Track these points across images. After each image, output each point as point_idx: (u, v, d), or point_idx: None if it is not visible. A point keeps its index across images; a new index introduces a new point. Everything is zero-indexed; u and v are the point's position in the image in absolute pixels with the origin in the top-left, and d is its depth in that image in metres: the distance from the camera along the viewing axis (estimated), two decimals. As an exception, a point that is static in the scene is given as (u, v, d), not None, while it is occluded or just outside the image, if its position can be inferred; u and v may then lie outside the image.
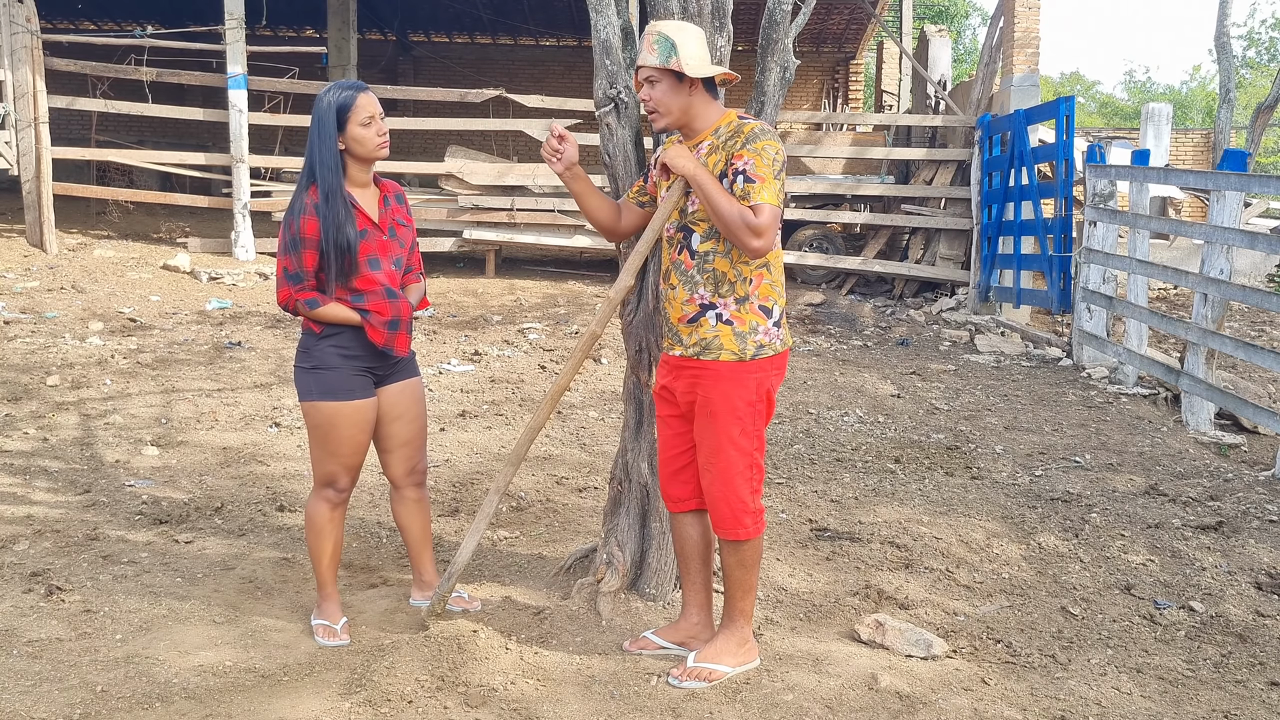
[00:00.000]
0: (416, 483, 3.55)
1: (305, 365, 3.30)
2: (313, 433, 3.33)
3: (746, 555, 3.15)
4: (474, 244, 12.20)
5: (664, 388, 3.22)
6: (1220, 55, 18.85)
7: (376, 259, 3.27)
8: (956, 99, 13.19)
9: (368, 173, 3.32)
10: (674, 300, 3.13)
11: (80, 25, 21.54)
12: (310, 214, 3.18)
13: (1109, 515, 4.85)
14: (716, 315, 3.06)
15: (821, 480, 5.28)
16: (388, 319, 3.28)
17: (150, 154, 12.94)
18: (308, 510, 3.40)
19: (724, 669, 3.14)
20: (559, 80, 21.39)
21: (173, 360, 7.50)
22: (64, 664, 3.13)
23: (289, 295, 3.22)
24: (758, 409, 3.10)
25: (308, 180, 3.22)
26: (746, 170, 2.93)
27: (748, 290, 3.06)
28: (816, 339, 9.58)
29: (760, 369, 3.07)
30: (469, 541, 3.32)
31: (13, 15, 10.88)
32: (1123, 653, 3.52)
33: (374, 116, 3.23)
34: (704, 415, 3.09)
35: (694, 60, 2.98)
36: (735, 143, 2.99)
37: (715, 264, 3.05)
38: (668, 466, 3.26)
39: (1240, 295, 6.84)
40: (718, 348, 3.05)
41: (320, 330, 3.27)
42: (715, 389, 3.06)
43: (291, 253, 3.20)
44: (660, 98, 3.03)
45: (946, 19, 31.19)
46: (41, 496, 4.64)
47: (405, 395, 3.44)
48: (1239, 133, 21.58)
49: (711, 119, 3.08)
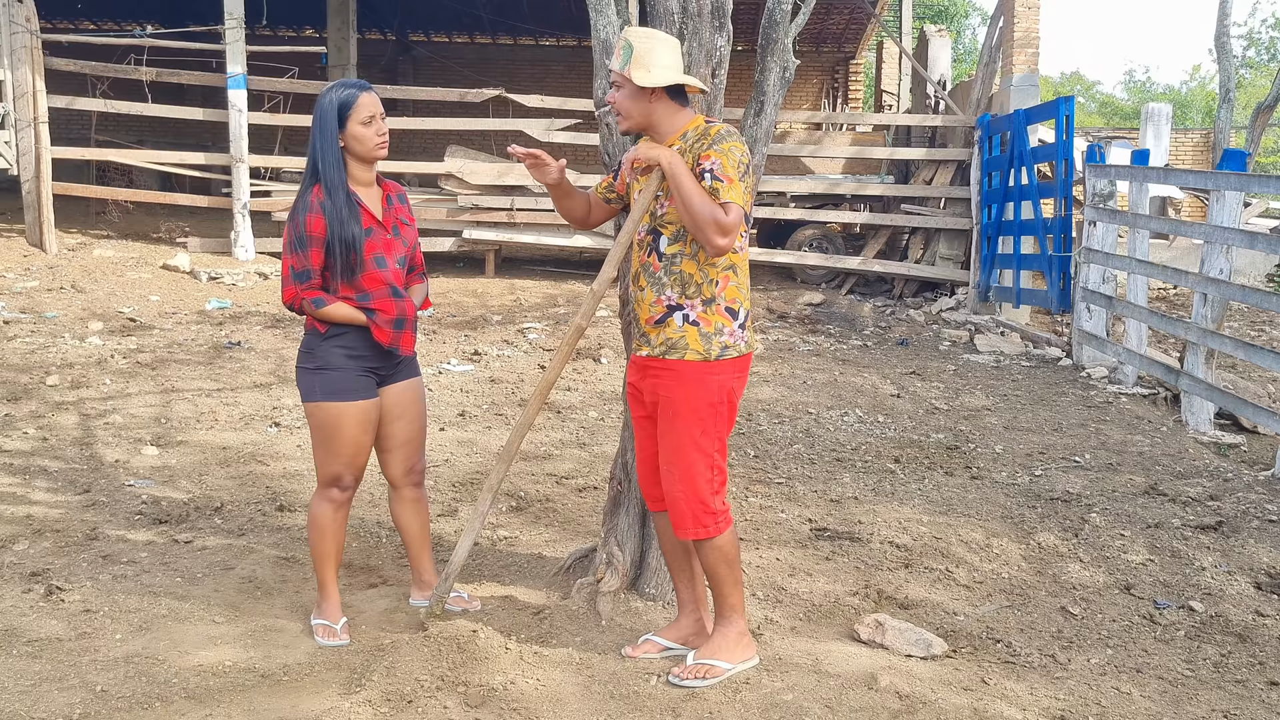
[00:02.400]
0: (415, 483, 3.55)
1: (309, 366, 3.29)
2: (316, 433, 3.32)
3: (722, 552, 3.15)
4: (474, 244, 12.21)
5: (635, 389, 3.25)
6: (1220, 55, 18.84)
7: (382, 257, 3.27)
8: (956, 99, 13.19)
9: (370, 172, 3.33)
10: (642, 302, 3.16)
11: (80, 25, 21.53)
12: (316, 212, 3.18)
13: (1109, 515, 4.85)
14: (684, 316, 3.08)
15: (821, 480, 5.28)
16: (393, 318, 3.28)
17: (150, 154, 12.94)
18: (311, 510, 3.40)
19: (723, 665, 3.15)
20: (559, 80, 21.37)
21: (172, 360, 7.50)
22: (64, 664, 3.13)
23: (295, 294, 3.22)
24: (719, 411, 3.11)
25: (311, 179, 3.23)
26: (714, 170, 2.97)
27: (714, 292, 3.09)
28: (816, 339, 9.58)
29: (723, 370, 3.09)
30: (465, 541, 3.32)
31: (12, 15, 10.88)
32: (1123, 653, 3.52)
33: (375, 116, 3.24)
34: (666, 415, 3.11)
35: (655, 68, 3.01)
36: (702, 144, 3.03)
37: (683, 266, 3.08)
38: (644, 466, 3.29)
39: (1240, 295, 6.84)
40: (683, 347, 3.08)
41: (325, 330, 3.27)
42: (678, 389, 3.08)
43: (298, 251, 3.19)
44: (621, 101, 3.10)
45: (946, 19, 31.20)
46: (41, 496, 4.64)
47: (407, 395, 3.44)
48: (1239, 133, 21.57)
49: (678, 125, 3.11)
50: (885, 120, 13.98)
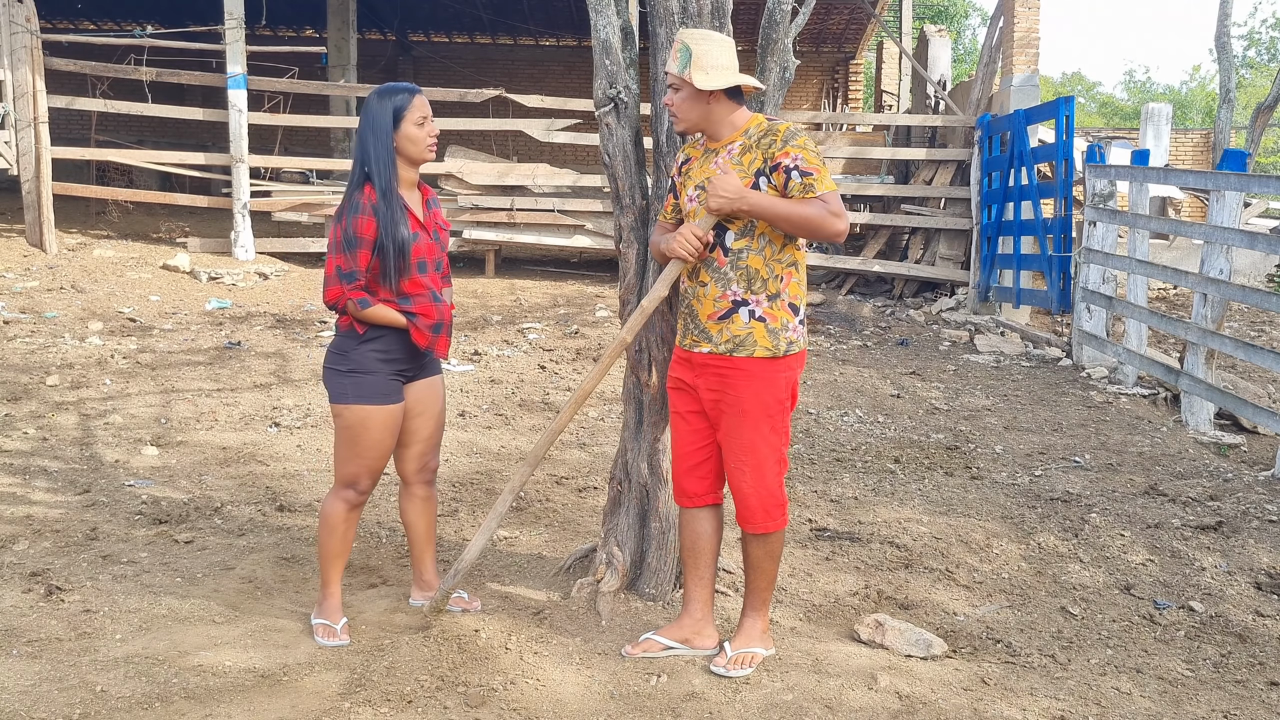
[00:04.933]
0: (427, 480, 3.56)
1: (342, 368, 3.29)
2: (343, 434, 3.32)
3: (774, 546, 3.23)
4: (474, 244, 12.21)
5: (683, 384, 3.23)
6: (1220, 55, 18.84)
7: (424, 262, 3.29)
8: (956, 99, 13.19)
9: (415, 173, 3.34)
10: (704, 297, 3.14)
11: (80, 25, 21.54)
12: (368, 214, 3.18)
13: (1109, 515, 4.85)
14: (750, 312, 3.09)
15: (821, 480, 5.28)
16: (433, 322, 3.30)
17: (150, 154, 12.94)
18: (324, 508, 3.40)
19: (762, 652, 3.24)
20: (559, 80, 21.39)
21: (172, 360, 7.50)
22: (64, 664, 3.13)
23: (340, 293, 3.20)
24: (785, 405, 3.16)
25: (361, 179, 3.22)
26: (800, 166, 3.00)
27: (779, 288, 3.11)
28: (816, 339, 9.58)
29: (789, 366, 3.14)
30: (479, 539, 3.31)
31: (12, 15, 10.88)
32: (1123, 653, 3.52)
33: (427, 117, 3.27)
34: (734, 414, 3.12)
35: (714, 70, 3.03)
36: (771, 142, 3.04)
37: (749, 261, 3.09)
38: (685, 462, 3.27)
39: (1240, 295, 6.84)
40: (751, 344, 3.08)
41: (364, 332, 3.27)
42: (747, 388, 3.09)
43: (345, 251, 3.19)
44: (679, 104, 3.11)
45: (946, 19, 31.19)
46: (41, 496, 4.64)
47: (430, 391, 3.46)
48: (1239, 133, 21.58)
49: (737, 123, 3.13)
50: (885, 120, 13.97)
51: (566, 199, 12.12)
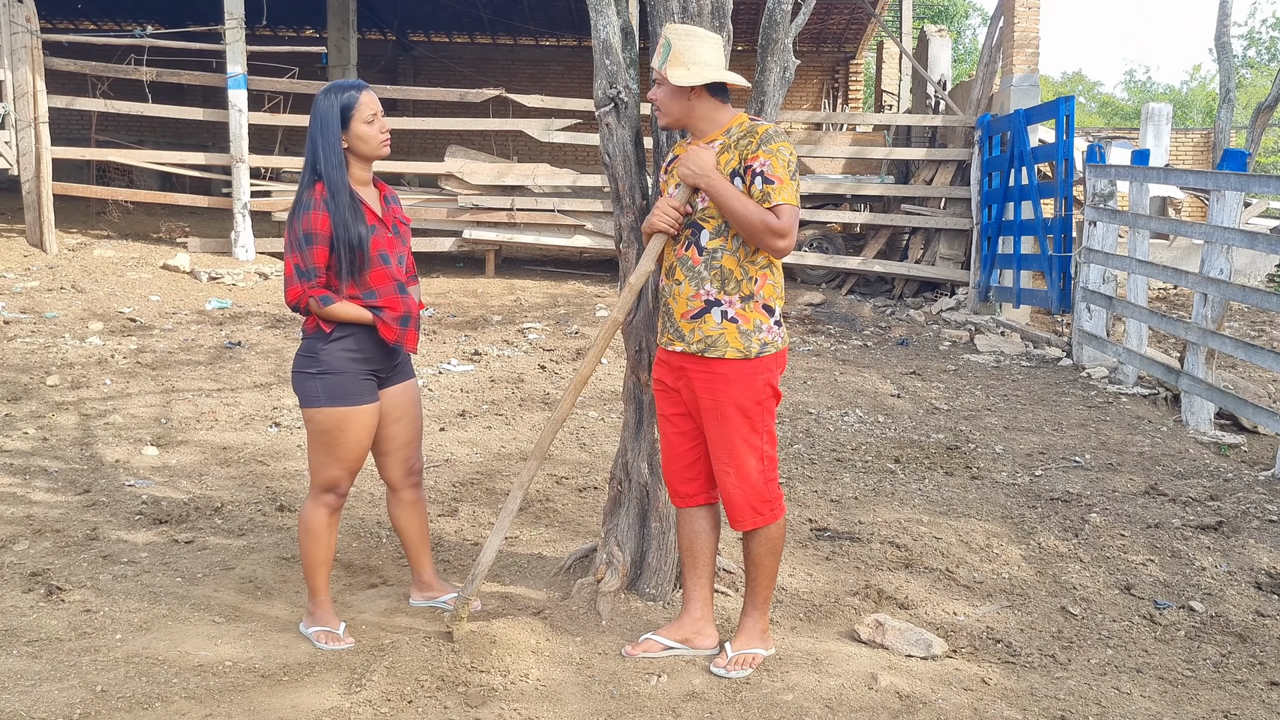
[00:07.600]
0: (414, 484, 3.54)
1: (311, 370, 3.24)
2: (317, 439, 3.28)
3: (773, 541, 3.22)
4: (474, 244, 12.20)
5: (665, 386, 3.23)
6: (1220, 55, 18.84)
7: (386, 254, 3.27)
8: (956, 99, 13.19)
9: (369, 171, 3.33)
10: (678, 295, 3.14)
11: (80, 25, 21.54)
12: (320, 209, 3.16)
13: (1109, 515, 4.85)
14: (722, 312, 3.08)
15: (821, 480, 5.28)
16: (400, 314, 3.28)
17: (150, 154, 12.94)
18: (304, 516, 3.35)
19: (762, 652, 3.24)
20: (559, 80, 21.39)
21: (172, 360, 7.50)
22: (64, 664, 3.13)
23: (301, 292, 3.18)
24: (765, 405, 3.14)
25: (311, 178, 3.22)
26: (765, 172, 2.98)
27: (753, 289, 3.09)
28: (816, 339, 9.58)
29: (765, 367, 3.12)
30: (493, 540, 3.27)
31: (13, 15, 10.88)
32: (1123, 653, 3.52)
33: (376, 114, 3.25)
34: (714, 417, 3.12)
35: (694, 66, 3.01)
36: (748, 143, 3.03)
37: (723, 261, 3.08)
38: (675, 464, 3.27)
39: (1240, 295, 6.84)
40: (723, 345, 3.08)
41: (330, 330, 3.23)
42: (725, 391, 3.09)
43: (301, 249, 3.17)
44: (661, 99, 3.10)
45: (946, 19, 31.19)
46: (41, 496, 4.64)
47: (404, 397, 3.44)
48: (1239, 133, 21.57)
49: (720, 121, 3.12)
50: (885, 120, 13.97)
51: (566, 199, 12.12)
